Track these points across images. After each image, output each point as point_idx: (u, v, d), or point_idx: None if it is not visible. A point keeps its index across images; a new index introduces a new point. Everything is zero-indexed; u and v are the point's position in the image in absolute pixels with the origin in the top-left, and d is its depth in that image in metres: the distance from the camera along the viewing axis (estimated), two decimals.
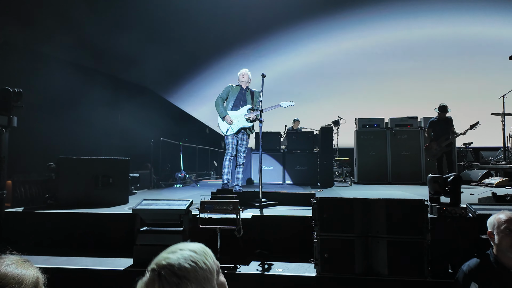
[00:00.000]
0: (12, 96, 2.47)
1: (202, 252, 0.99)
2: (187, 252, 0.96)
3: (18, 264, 1.01)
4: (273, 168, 7.76)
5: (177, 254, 0.96)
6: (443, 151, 6.92)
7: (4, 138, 2.50)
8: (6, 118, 2.45)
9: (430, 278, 2.76)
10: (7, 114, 2.46)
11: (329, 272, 2.86)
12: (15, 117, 2.54)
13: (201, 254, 0.98)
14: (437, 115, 7.16)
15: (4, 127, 2.46)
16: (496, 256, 2.20)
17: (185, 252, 0.96)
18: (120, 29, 8.67)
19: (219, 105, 5.09)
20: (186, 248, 0.99)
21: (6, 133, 2.50)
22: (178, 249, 0.98)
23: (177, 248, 0.99)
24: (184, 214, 3.26)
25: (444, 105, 7.04)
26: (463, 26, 12.58)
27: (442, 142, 6.87)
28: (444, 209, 3.10)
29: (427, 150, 7.17)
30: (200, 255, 0.98)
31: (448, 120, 7.03)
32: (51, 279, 1.11)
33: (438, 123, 7.07)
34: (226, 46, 13.02)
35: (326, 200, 2.97)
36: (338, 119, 8.90)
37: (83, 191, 4.46)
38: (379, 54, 13.88)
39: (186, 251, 0.97)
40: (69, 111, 7.09)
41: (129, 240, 3.30)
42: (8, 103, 2.45)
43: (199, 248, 1.01)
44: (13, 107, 2.49)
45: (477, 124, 6.79)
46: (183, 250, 0.98)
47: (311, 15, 12.70)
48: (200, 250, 1.00)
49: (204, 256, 0.98)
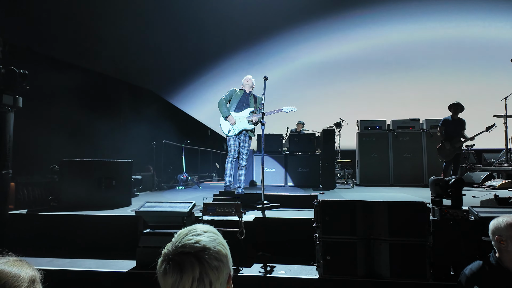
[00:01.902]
0: (17, 77, 2.49)
1: (220, 235, 0.99)
2: (213, 235, 0.94)
3: (13, 262, 1.02)
4: (275, 170, 7.77)
5: (206, 236, 0.92)
6: (456, 152, 6.58)
7: (10, 118, 2.52)
8: (11, 98, 2.48)
9: (432, 281, 2.76)
10: (13, 94, 2.49)
11: (331, 275, 2.87)
12: (20, 98, 2.57)
13: (221, 236, 0.98)
14: (451, 114, 6.80)
15: (10, 106, 2.48)
16: (498, 259, 2.20)
17: (211, 235, 0.94)
18: (120, 29, 8.70)
19: (222, 105, 5.12)
20: (208, 230, 0.96)
21: (11, 113, 2.53)
22: (202, 231, 0.94)
23: (199, 229, 0.95)
24: (187, 216, 3.27)
25: (455, 103, 6.71)
26: (466, 28, 12.58)
27: (457, 143, 6.54)
28: (446, 211, 3.10)
29: (440, 150, 6.79)
30: (221, 237, 0.97)
31: (461, 122, 6.70)
32: (55, 281, 1.12)
33: (452, 122, 6.72)
34: (228, 48, 13.06)
35: (328, 203, 2.98)
36: (340, 121, 8.90)
37: (86, 193, 4.48)
38: (381, 56, 13.90)
39: (211, 233, 0.95)
40: (72, 114, 7.12)
41: (132, 242, 3.31)
42: (14, 83, 2.47)
43: (215, 230, 0.99)
44: (19, 88, 2.51)
45: (493, 126, 6.50)
46: (207, 232, 0.95)
47: (313, 17, 12.73)
48: (217, 233, 0.99)
49: (223, 239, 0.98)
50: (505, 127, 7.70)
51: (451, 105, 6.77)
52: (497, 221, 2.22)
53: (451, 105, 6.77)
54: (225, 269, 0.90)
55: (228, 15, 11.29)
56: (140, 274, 3.06)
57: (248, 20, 11.81)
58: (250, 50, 13.24)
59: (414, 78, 14.04)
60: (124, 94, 9.49)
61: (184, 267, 0.84)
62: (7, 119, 2.50)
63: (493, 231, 2.23)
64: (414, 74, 13.97)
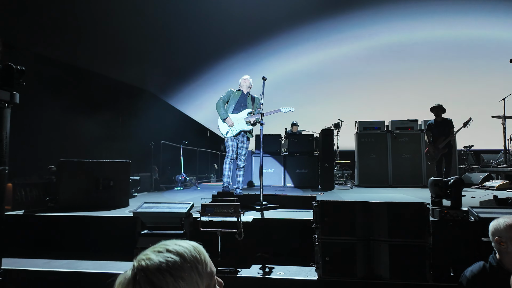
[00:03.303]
0: (14, 73, 2.47)
1: (193, 258, 0.83)
2: (174, 257, 0.80)
3: None
4: (274, 171, 7.75)
5: (162, 255, 0.80)
6: (441, 153, 6.64)
7: (6, 114, 2.50)
8: (8, 94, 2.45)
9: (432, 282, 2.74)
10: (10, 90, 2.46)
11: (330, 276, 2.85)
12: (17, 94, 2.54)
13: (192, 261, 0.82)
14: (434, 118, 6.89)
15: (7, 102, 2.46)
16: (499, 261, 2.18)
17: (172, 256, 0.80)
18: (120, 30, 8.68)
19: (220, 107, 5.10)
20: (176, 249, 0.82)
21: (8, 108, 2.50)
22: (166, 249, 0.82)
23: (165, 247, 0.83)
24: (185, 217, 3.25)
25: (435, 106, 6.75)
26: (464, 29, 12.60)
27: (439, 144, 6.62)
28: (446, 212, 3.08)
29: (426, 154, 6.98)
30: (190, 262, 0.81)
31: (447, 122, 6.71)
32: (52, 283, 1.10)
33: (436, 125, 6.79)
34: (226, 49, 13.05)
35: (327, 203, 2.96)
36: (339, 122, 8.90)
37: (84, 194, 4.45)
38: (380, 57, 13.91)
39: (174, 254, 0.81)
40: (69, 113, 7.09)
41: (130, 243, 3.29)
42: (11, 79, 2.44)
43: (192, 251, 0.84)
44: (16, 84, 2.49)
45: (469, 121, 6.50)
46: (170, 252, 0.81)
47: (313, 18, 12.73)
48: (192, 256, 0.83)
49: (195, 264, 0.82)
50: (503, 128, 7.71)
51: (432, 108, 6.84)
52: (497, 222, 2.21)
53: (432, 108, 6.84)
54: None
55: (228, 15, 11.28)
56: None
57: (247, 20, 11.80)
58: (249, 51, 13.23)
59: (413, 78, 14.06)
60: (122, 95, 9.46)
61: (125, 282, 0.79)
62: (4, 115, 2.47)
63: (493, 232, 2.21)
64: (413, 74, 13.99)
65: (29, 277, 3.00)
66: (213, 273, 0.88)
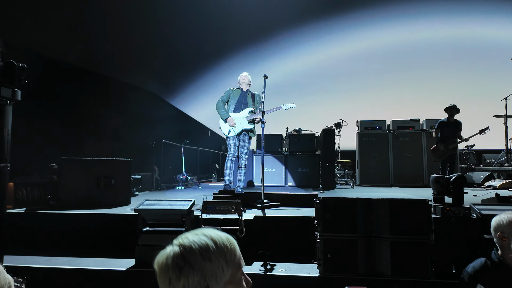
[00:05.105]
0: (16, 70, 2.48)
1: (223, 246, 0.94)
2: (207, 240, 0.92)
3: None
4: (275, 170, 7.74)
5: (197, 237, 0.93)
6: (450, 153, 6.76)
7: (8, 111, 2.51)
8: (10, 91, 2.46)
9: (433, 279, 2.74)
10: (12, 87, 2.47)
11: (332, 273, 2.85)
12: (19, 91, 2.55)
13: (222, 248, 0.93)
14: (447, 116, 6.92)
15: (8, 99, 2.47)
16: (501, 257, 2.18)
17: (205, 240, 0.92)
18: (121, 30, 8.70)
19: (220, 108, 5.10)
20: (211, 235, 0.94)
21: (10, 105, 2.51)
22: (202, 233, 0.94)
23: (203, 231, 0.96)
24: (186, 214, 3.25)
25: (450, 106, 6.84)
26: (465, 28, 12.58)
27: (450, 145, 6.69)
28: (448, 209, 3.08)
29: (433, 151, 6.98)
30: (220, 248, 0.93)
31: (457, 124, 6.83)
32: (53, 280, 1.11)
33: (448, 124, 6.87)
34: (227, 48, 13.05)
35: (329, 200, 2.96)
36: (340, 121, 8.89)
37: (85, 192, 4.46)
38: (381, 56, 13.90)
39: (208, 238, 0.93)
40: (71, 113, 7.11)
41: (131, 240, 3.29)
42: (13, 76, 2.46)
43: (224, 240, 0.95)
44: (17, 81, 2.50)
45: (486, 129, 6.64)
46: (206, 236, 0.93)
47: (313, 18, 12.73)
48: (223, 244, 0.94)
49: (224, 251, 0.93)
50: (505, 127, 7.70)
51: (447, 108, 6.91)
52: (499, 218, 2.20)
53: (447, 108, 6.91)
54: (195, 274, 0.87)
55: (228, 15, 11.28)
56: (139, 272, 3.03)
57: (247, 20, 11.81)
58: (249, 50, 13.23)
59: (414, 78, 14.04)
60: (124, 95, 9.48)
61: (166, 254, 0.91)
62: (6, 112, 2.48)
63: (495, 228, 2.21)
64: (414, 74, 13.97)
65: (31, 275, 3.00)
66: (241, 265, 0.97)
